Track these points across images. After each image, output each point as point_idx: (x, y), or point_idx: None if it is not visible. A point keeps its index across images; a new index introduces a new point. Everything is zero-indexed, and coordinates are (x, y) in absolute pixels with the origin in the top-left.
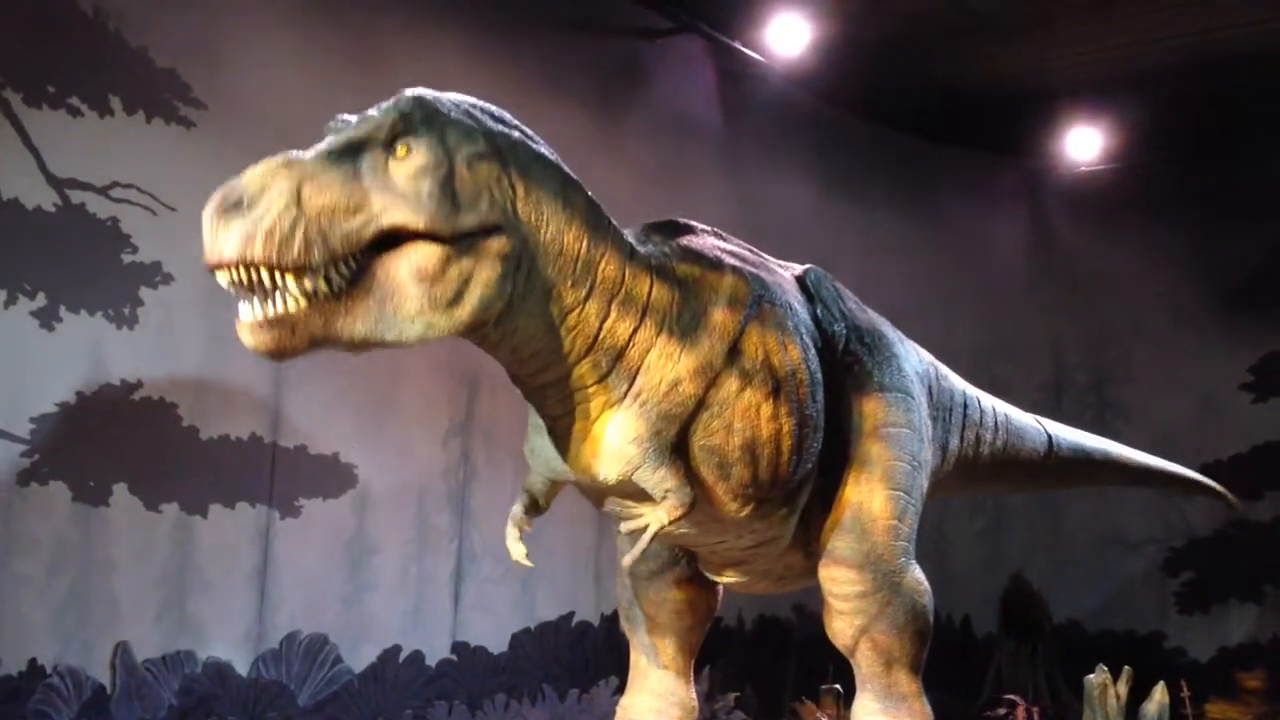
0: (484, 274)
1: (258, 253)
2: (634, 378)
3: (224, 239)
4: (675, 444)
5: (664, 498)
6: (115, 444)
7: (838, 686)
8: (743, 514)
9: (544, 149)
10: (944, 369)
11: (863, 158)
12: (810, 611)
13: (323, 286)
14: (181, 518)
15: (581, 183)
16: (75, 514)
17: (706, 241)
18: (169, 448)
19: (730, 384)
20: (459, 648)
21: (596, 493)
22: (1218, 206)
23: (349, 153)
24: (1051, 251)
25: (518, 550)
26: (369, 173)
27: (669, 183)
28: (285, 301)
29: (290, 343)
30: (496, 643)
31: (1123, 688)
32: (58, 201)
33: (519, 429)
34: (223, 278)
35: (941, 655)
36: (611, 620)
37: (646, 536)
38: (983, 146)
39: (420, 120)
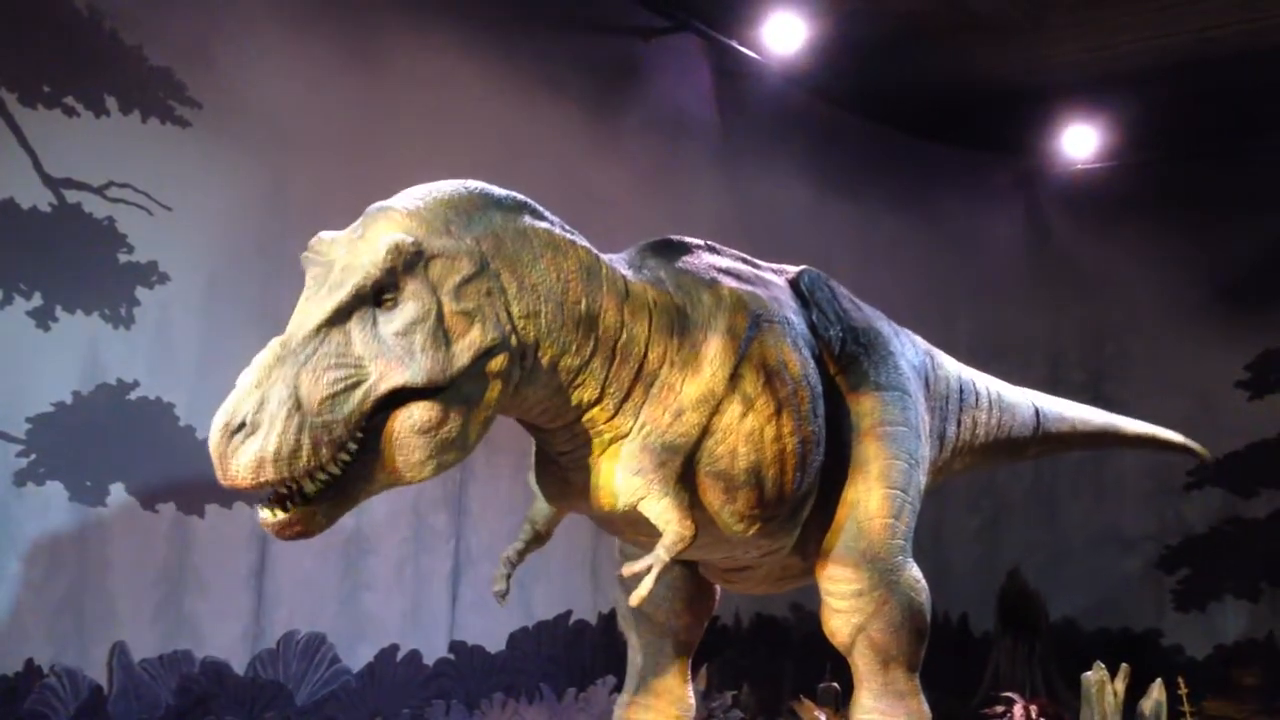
0: (488, 396)
1: (270, 475)
2: (639, 411)
3: (235, 466)
4: (680, 474)
5: (665, 529)
6: (112, 444)
7: (835, 685)
8: (749, 534)
9: (526, 220)
10: (940, 356)
11: (859, 156)
12: (808, 610)
13: (335, 471)
14: (179, 517)
15: (572, 239)
16: (72, 514)
17: (702, 261)
18: (166, 447)
19: (733, 409)
20: (456, 647)
21: (602, 521)
22: (1214, 204)
23: (338, 318)
24: (1048, 249)
25: (500, 586)
26: (359, 334)
27: (665, 181)
28: (302, 495)
29: (317, 524)
30: (494, 642)
31: (1120, 685)
32: (53, 201)
33: (516, 429)
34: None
35: (939, 653)
36: (609, 619)
37: (651, 577)
38: (979, 145)
39: (402, 269)
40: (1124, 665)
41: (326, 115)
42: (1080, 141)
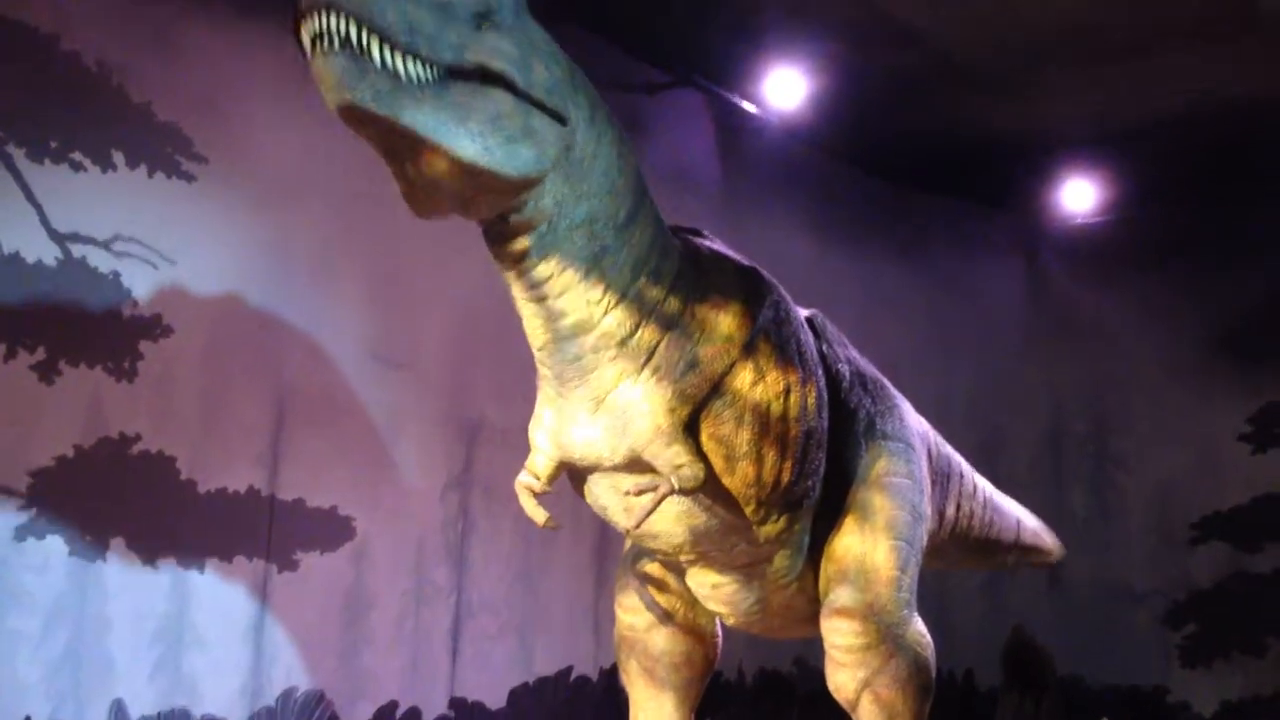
0: (547, 139)
1: (353, 3)
2: (653, 352)
3: None
4: (686, 424)
5: (675, 473)
6: (113, 498)
7: None
8: (741, 515)
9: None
10: (940, 438)
11: (860, 209)
12: (812, 665)
13: (400, 67)
14: (178, 572)
15: (634, 151)
16: (72, 569)
17: (728, 251)
18: (167, 501)
19: (745, 375)
20: (456, 704)
21: (592, 471)
22: (1213, 257)
23: (441, 5)
24: (1048, 302)
25: (540, 514)
26: (455, 25)
27: None
28: (365, 47)
29: (357, 84)
30: (495, 698)
31: None
32: (59, 255)
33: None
34: (307, 30)
35: (944, 710)
36: (610, 674)
37: (652, 499)
38: (979, 199)
39: (509, 7)
40: None
41: (332, 171)
42: (1079, 196)
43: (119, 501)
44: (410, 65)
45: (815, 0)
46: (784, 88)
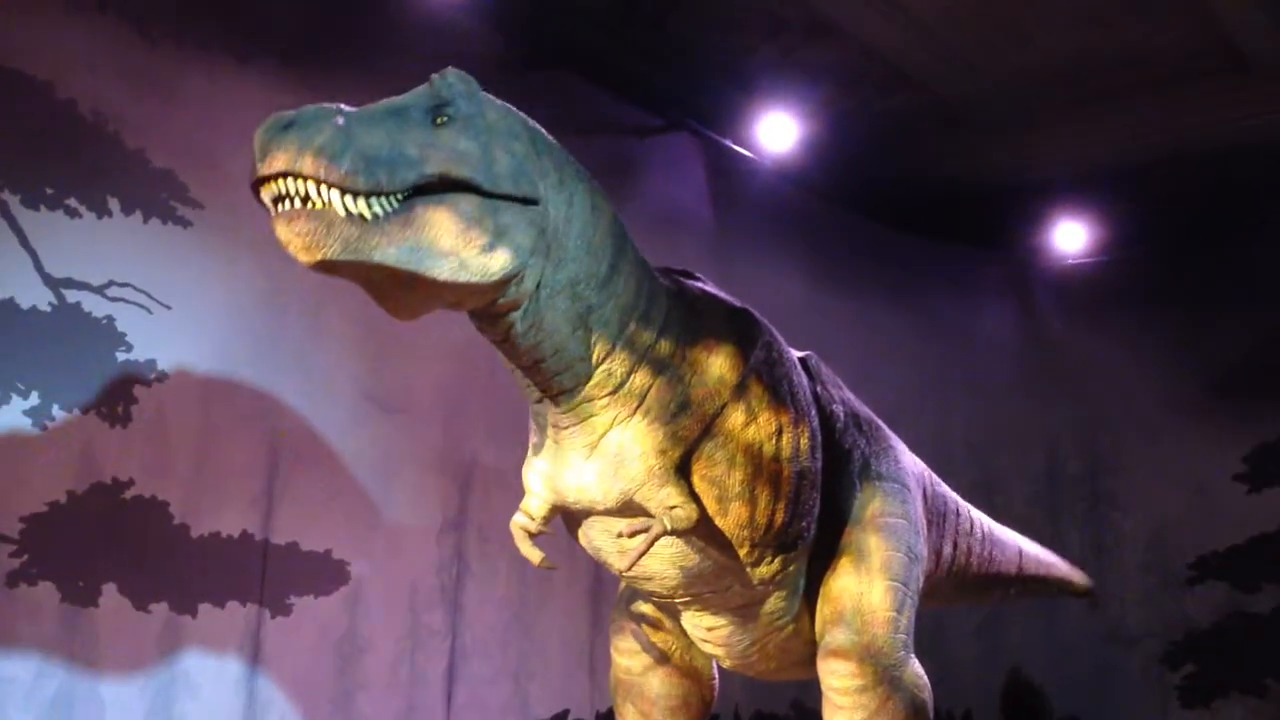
0: (518, 235)
1: (307, 166)
2: (644, 395)
3: (274, 152)
4: (679, 466)
5: (667, 515)
6: (106, 543)
7: None
8: (735, 557)
9: (576, 165)
10: (935, 477)
11: (852, 252)
12: (809, 708)
13: (363, 210)
14: (171, 617)
15: (609, 199)
16: (63, 615)
17: (719, 292)
18: (160, 546)
19: (736, 417)
20: None
21: (586, 515)
22: (1206, 297)
23: (394, 113)
24: (1042, 343)
25: (535, 555)
26: (413, 131)
27: None
28: (326, 201)
29: (325, 241)
30: None
31: None
32: (53, 301)
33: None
34: (268, 193)
35: None
36: (606, 717)
37: (644, 540)
38: (971, 240)
39: (462, 93)
40: None
41: None
42: (1071, 237)
43: (111, 546)
44: (374, 204)
45: (807, 45)
46: (776, 131)
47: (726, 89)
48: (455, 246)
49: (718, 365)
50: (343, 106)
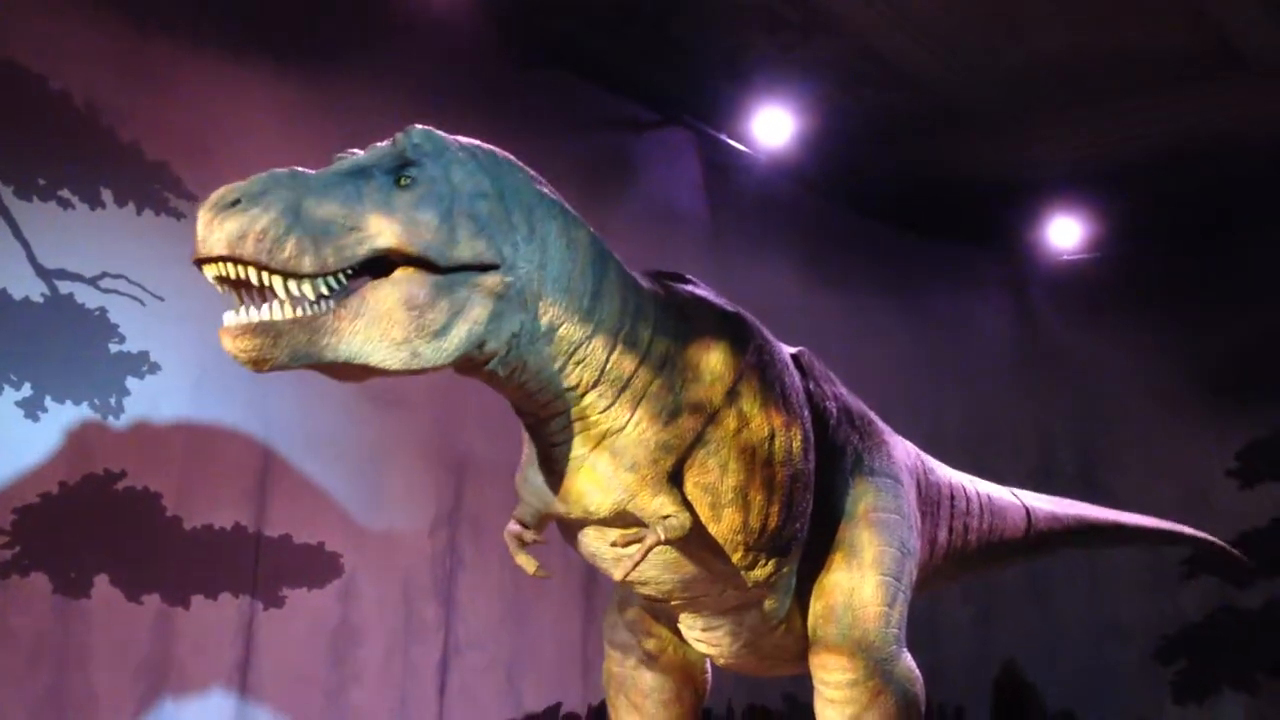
0: (474, 310)
1: (248, 250)
2: (635, 407)
3: (215, 234)
4: (671, 474)
5: (661, 524)
6: (98, 535)
7: None
8: (732, 559)
9: (546, 189)
10: (930, 461)
11: (847, 247)
12: (801, 702)
13: (309, 294)
14: (163, 609)
15: (583, 220)
16: (55, 606)
17: (709, 294)
18: (152, 538)
19: (728, 423)
20: None
21: (582, 524)
22: (1200, 294)
23: (355, 175)
24: (1036, 339)
25: (530, 564)
26: (371, 197)
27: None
28: (271, 309)
29: (271, 353)
30: None
31: None
32: (46, 292)
33: (507, 519)
34: (210, 272)
35: None
36: (599, 711)
37: (643, 549)
38: (965, 236)
39: (428, 153)
40: None
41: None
42: (1065, 233)
43: (104, 538)
44: (320, 284)
45: (804, 41)
46: (773, 127)
47: (723, 84)
48: (407, 335)
49: (708, 372)
50: (298, 171)
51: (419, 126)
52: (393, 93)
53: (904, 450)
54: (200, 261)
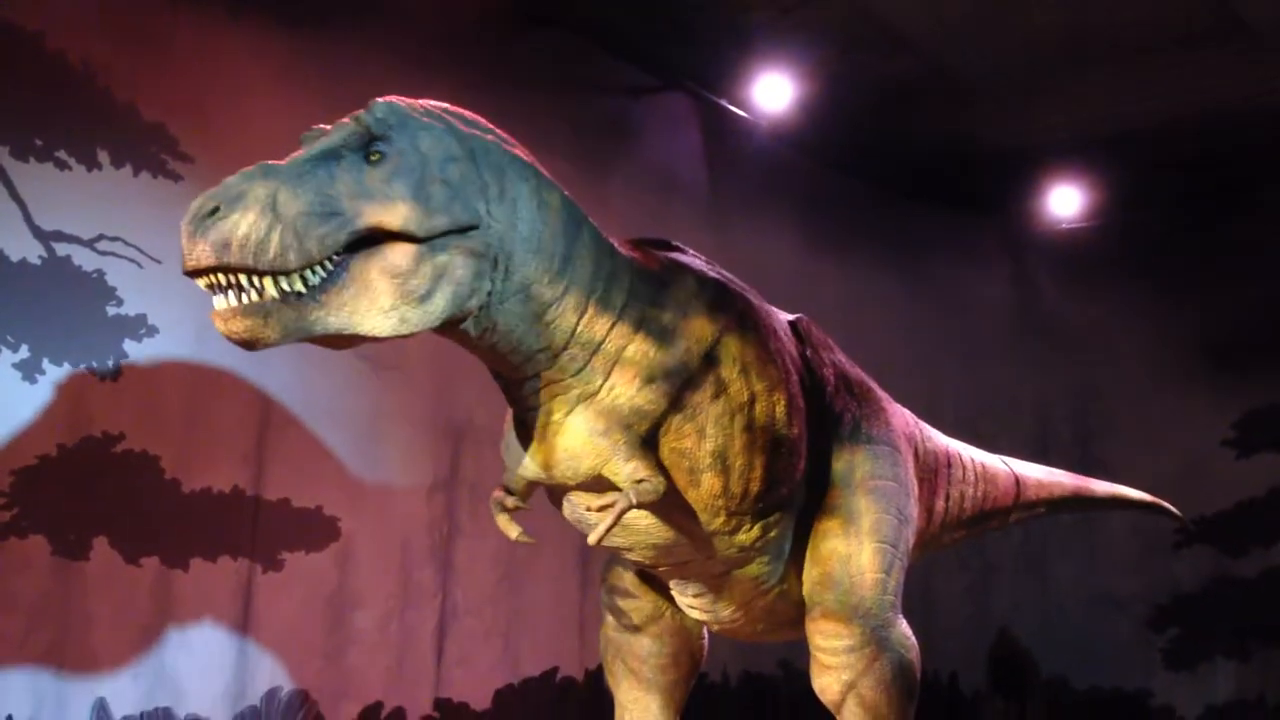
0: (457, 271)
1: (234, 258)
2: (609, 372)
3: (200, 247)
4: (646, 439)
5: (634, 489)
6: (96, 497)
7: None
8: (712, 525)
9: (519, 151)
10: (928, 429)
11: (847, 215)
12: (797, 668)
13: (300, 287)
14: (162, 571)
15: (557, 183)
16: (54, 568)
17: (695, 261)
18: (151, 500)
19: (705, 388)
20: (441, 705)
21: (564, 489)
22: (1198, 263)
23: (324, 159)
24: (1034, 309)
25: (513, 530)
26: (344, 178)
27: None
28: (261, 292)
29: (263, 332)
30: (479, 700)
31: None
32: (43, 254)
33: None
34: (202, 283)
35: (928, 713)
36: (596, 675)
37: (612, 515)
38: (965, 205)
39: (393, 126)
40: None
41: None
42: (1065, 201)
43: (102, 500)
44: (309, 275)
45: (805, 6)
46: (772, 92)
47: (723, 50)
48: (394, 302)
49: (685, 337)
50: (268, 165)
51: (380, 100)
52: (391, 53)
53: (902, 418)
54: (190, 274)
